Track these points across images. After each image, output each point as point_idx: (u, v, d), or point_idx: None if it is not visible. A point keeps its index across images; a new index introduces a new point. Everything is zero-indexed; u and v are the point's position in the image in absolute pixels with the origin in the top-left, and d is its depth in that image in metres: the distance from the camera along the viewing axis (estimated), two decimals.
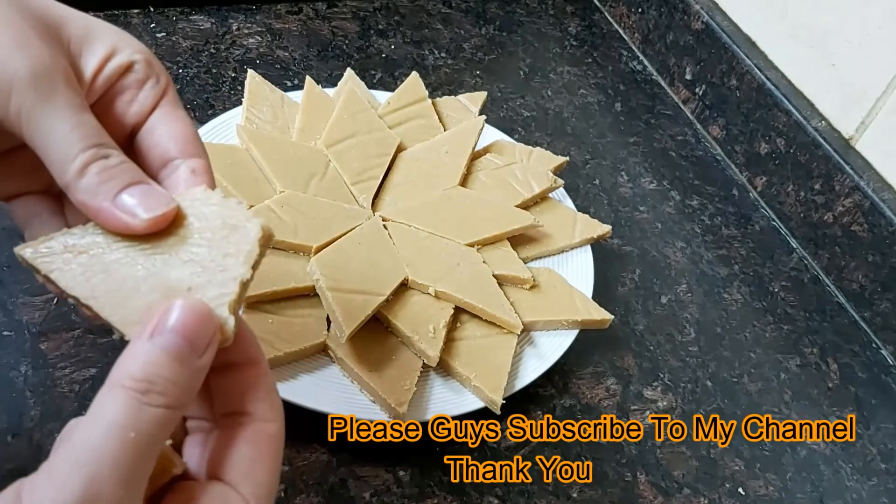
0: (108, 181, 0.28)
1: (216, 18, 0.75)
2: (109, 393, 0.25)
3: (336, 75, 0.71)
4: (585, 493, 0.50)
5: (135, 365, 0.25)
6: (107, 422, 0.24)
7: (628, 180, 0.72)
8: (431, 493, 0.48)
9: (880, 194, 0.64)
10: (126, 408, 0.24)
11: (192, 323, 0.26)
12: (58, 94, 0.28)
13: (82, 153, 0.27)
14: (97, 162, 0.28)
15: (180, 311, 0.26)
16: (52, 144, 0.27)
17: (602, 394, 0.55)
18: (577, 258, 0.59)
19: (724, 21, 0.77)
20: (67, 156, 0.27)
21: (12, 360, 0.47)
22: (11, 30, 0.27)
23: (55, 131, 0.27)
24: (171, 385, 0.25)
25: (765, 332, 0.63)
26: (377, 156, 0.59)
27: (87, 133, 0.28)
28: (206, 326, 0.26)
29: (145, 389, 0.25)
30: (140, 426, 0.24)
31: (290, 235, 0.51)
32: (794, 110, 0.70)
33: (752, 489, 0.53)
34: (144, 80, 0.31)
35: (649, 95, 0.82)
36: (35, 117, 0.27)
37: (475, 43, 0.82)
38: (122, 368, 0.25)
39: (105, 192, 0.28)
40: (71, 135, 0.28)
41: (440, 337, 0.49)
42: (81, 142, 0.28)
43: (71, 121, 0.28)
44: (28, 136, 0.28)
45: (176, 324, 0.26)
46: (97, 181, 0.27)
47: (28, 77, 0.27)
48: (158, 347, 0.25)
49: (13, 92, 0.27)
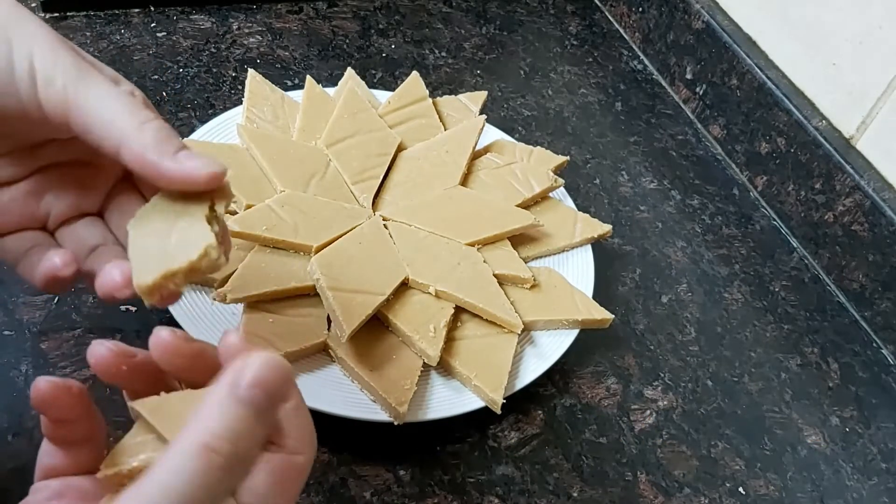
0: (167, 141, 0.30)
1: (216, 18, 0.75)
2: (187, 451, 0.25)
3: (336, 75, 0.71)
4: (586, 493, 0.50)
5: (216, 420, 0.25)
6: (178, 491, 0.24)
7: (629, 180, 0.72)
8: (432, 493, 0.48)
9: (881, 194, 0.64)
10: (201, 479, 0.24)
11: (272, 376, 0.26)
12: (97, 74, 0.31)
13: (137, 111, 0.30)
14: (154, 121, 0.30)
15: (260, 361, 0.26)
16: (103, 108, 0.30)
17: (602, 393, 0.55)
18: (577, 258, 0.59)
19: (725, 20, 0.77)
20: (121, 114, 0.30)
21: (13, 360, 0.47)
22: (51, 33, 0.31)
23: (103, 97, 0.30)
24: (252, 444, 0.26)
25: (765, 332, 0.63)
26: (378, 155, 0.59)
27: (133, 100, 0.31)
28: (284, 379, 0.27)
29: (228, 452, 0.25)
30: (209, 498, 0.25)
31: (290, 235, 0.51)
32: (794, 110, 0.70)
33: (753, 489, 0.53)
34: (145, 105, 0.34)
35: (650, 95, 0.82)
36: (83, 88, 0.30)
37: (476, 42, 0.82)
38: (201, 421, 0.25)
39: (166, 149, 0.30)
40: (119, 98, 0.30)
41: (440, 336, 0.49)
42: (131, 104, 0.30)
43: (115, 90, 0.31)
44: (76, 106, 0.30)
45: (258, 377, 0.26)
46: (157, 138, 0.30)
47: (71, 62, 0.30)
48: (242, 402, 0.26)
49: (58, 73, 0.30)
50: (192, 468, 0.24)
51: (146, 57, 0.69)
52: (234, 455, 0.25)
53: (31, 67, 0.30)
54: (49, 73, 0.30)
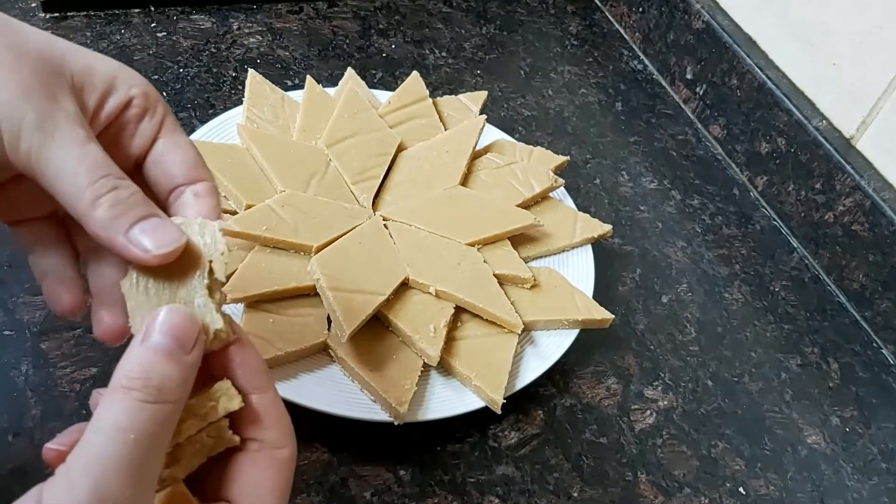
0: (121, 215, 0.29)
1: (217, 18, 0.75)
2: (109, 396, 0.26)
3: (337, 75, 0.71)
4: (586, 493, 0.50)
5: (129, 365, 0.27)
6: (108, 425, 0.25)
7: (629, 180, 0.72)
8: (432, 493, 0.48)
9: (881, 194, 0.64)
10: (125, 410, 0.26)
11: (177, 323, 0.28)
12: (61, 132, 0.29)
13: (91, 185, 0.29)
14: (109, 194, 0.29)
15: (164, 313, 0.28)
16: (62, 179, 0.29)
17: (603, 393, 0.55)
18: (577, 257, 0.59)
19: (725, 20, 0.77)
20: (77, 189, 0.29)
21: (13, 360, 0.47)
22: (14, 77, 0.29)
23: (63, 166, 0.29)
24: (166, 380, 0.27)
25: (765, 332, 0.63)
26: (378, 155, 0.59)
27: (93, 164, 0.29)
28: (189, 325, 0.28)
29: (142, 386, 0.26)
30: (139, 426, 0.26)
31: (290, 235, 0.51)
32: (794, 110, 0.70)
33: (753, 489, 0.53)
34: (143, 114, 0.32)
35: (650, 95, 0.82)
36: (44, 155, 0.28)
37: (476, 42, 0.82)
38: (119, 370, 0.27)
39: (118, 225, 0.29)
40: (78, 168, 0.29)
41: (441, 336, 0.49)
42: (89, 174, 0.29)
43: (77, 153, 0.29)
44: (39, 174, 0.29)
45: (162, 325, 0.28)
46: (110, 215, 0.29)
47: (34, 120, 0.28)
48: (150, 348, 0.27)
49: (22, 136, 0.28)
50: (111, 402, 0.26)
51: (146, 57, 0.69)
52: (147, 386, 0.26)
53: None
54: (13, 137, 0.28)
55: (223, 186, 0.54)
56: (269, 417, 0.30)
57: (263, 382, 0.31)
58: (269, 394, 0.31)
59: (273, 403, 0.31)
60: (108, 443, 0.25)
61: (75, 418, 0.46)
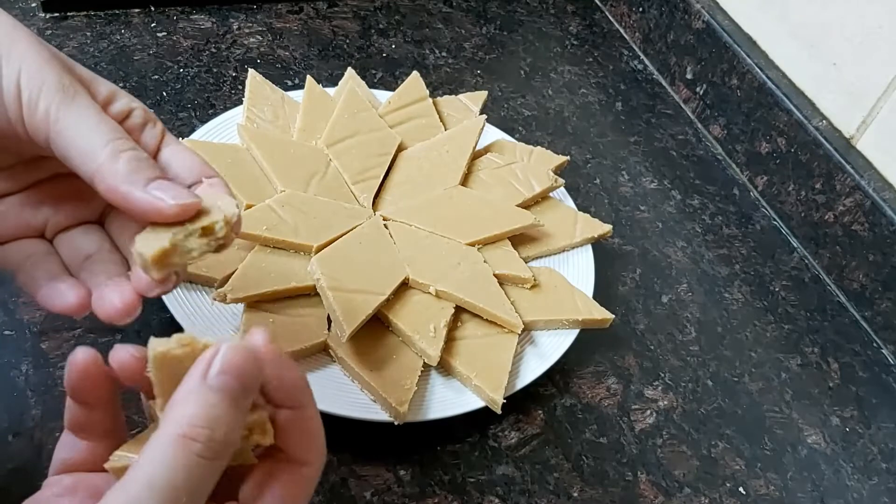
0: (140, 171, 0.30)
1: (217, 18, 0.75)
2: (166, 442, 0.25)
3: (337, 75, 0.71)
4: (586, 493, 0.50)
5: (190, 409, 0.25)
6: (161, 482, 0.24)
7: (629, 180, 0.72)
8: (432, 493, 0.48)
9: (881, 193, 0.64)
10: (183, 467, 0.24)
11: (242, 362, 0.26)
12: (81, 97, 0.30)
13: (112, 141, 0.30)
14: (129, 151, 0.30)
15: (229, 351, 0.26)
16: (81, 135, 0.29)
17: (603, 393, 0.55)
18: (577, 257, 0.59)
19: (725, 20, 0.77)
20: (97, 143, 0.29)
21: (13, 360, 0.47)
22: (41, 52, 0.30)
23: (82, 124, 0.30)
24: (230, 433, 0.25)
25: (765, 332, 0.63)
26: (378, 155, 0.59)
27: (113, 127, 0.30)
28: (253, 366, 0.27)
29: (206, 440, 0.25)
30: (194, 485, 0.24)
31: (290, 235, 0.51)
32: (794, 110, 0.70)
33: (753, 488, 0.53)
34: (144, 124, 0.33)
35: (650, 95, 0.82)
36: (63, 113, 0.29)
37: (476, 42, 0.82)
38: (176, 412, 0.25)
39: (137, 180, 0.29)
40: (98, 126, 0.30)
41: (441, 336, 0.49)
42: (109, 132, 0.30)
43: (96, 117, 0.30)
44: (56, 132, 0.29)
45: (227, 364, 0.26)
46: (129, 168, 0.29)
47: (56, 83, 0.30)
48: (215, 390, 0.25)
49: (42, 95, 0.29)
50: (172, 457, 0.24)
51: (146, 57, 0.69)
52: (211, 440, 0.25)
53: (19, 88, 0.29)
54: (33, 96, 0.29)
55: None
56: (300, 433, 0.29)
57: (298, 399, 0.29)
58: (304, 411, 0.30)
59: (307, 420, 0.30)
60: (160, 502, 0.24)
61: None
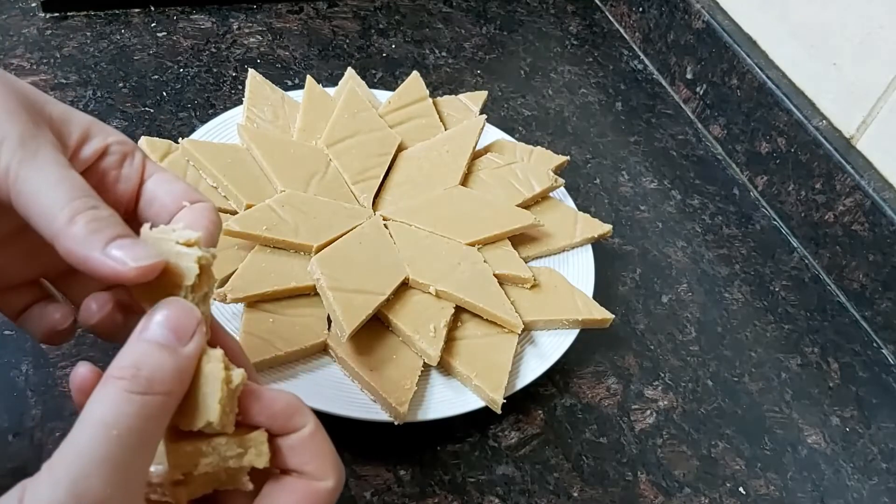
0: (98, 231, 0.28)
1: (217, 18, 0.75)
2: (100, 388, 0.26)
3: (337, 74, 0.71)
4: (586, 493, 0.50)
5: (121, 356, 0.27)
6: (92, 419, 0.25)
7: (629, 179, 0.72)
8: (432, 493, 0.48)
9: (881, 193, 0.64)
10: (111, 402, 0.25)
11: (173, 313, 0.28)
12: (44, 152, 0.29)
13: (71, 202, 0.28)
14: (87, 212, 0.28)
15: (162, 304, 0.28)
16: (40, 196, 0.28)
17: (603, 393, 0.55)
18: (577, 257, 0.59)
19: (725, 20, 0.77)
20: (55, 205, 0.28)
21: (13, 360, 0.47)
22: (6, 101, 0.29)
23: (42, 184, 0.28)
24: (157, 370, 0.26)
25: (765, 332, 0.63)
26: (378, 155, 0.59)
27: (73, 185, 0.29)
28: (186, 315, 0.28)
29: (130, 376, 0.26)
30: (125, 420, 0.25)
31: (290, 235, 0.51)
32: (794, 109, 0.70)
33: (753, 488, 0.53)
34: (123, 159, 0.32)
35: (650, 95, 0.82)
36: (23, 173, 0.28)
37: (476, 42, 0.82)
38: (113, 363, 0.27)
39: (95, 241, 0.28)
40: (58, 186, 0.28)
41: (441, 336, 0.49)
42: (69, 193, 0.28)
43: (57, 174, 0.29)
44: (16, 192, 0.28)
45: (158, 317, 0.27)
46: (87, 230, 0.28)
47: (17, 139, 0.28)
48: (143, 339, 0.27)
49: (3, 153, 0.28)
50: (99, 394, 0.25)
51: (146, 57, 0.69)
52: (136, 377, 0.26)
53: None
54: None
55: (223, 186, 0.54)
56: (311, 454, 0.30)
57: (297, 422, 0.30)
58: (304, 430, 0.30)
59: (311, 439, 0.30)
60: (91, 438, 0.24)
61: (76, 418, 0.45)
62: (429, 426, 0.49)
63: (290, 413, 0.30)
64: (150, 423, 0.26)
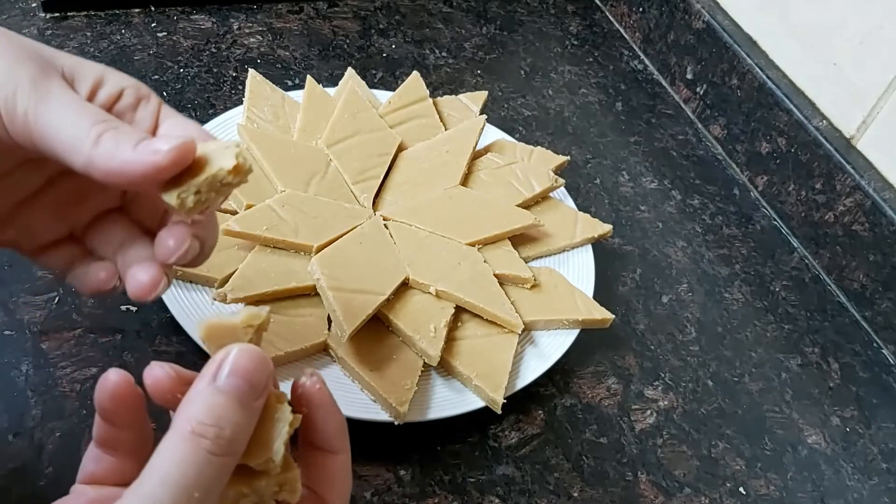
0: (124, 140, 0.28)
1: (217, 18, 0.75)
2: (177, 440, 0.25)
3: (337, 75, 0.71)
4: (586, 493, 0.50)
5: (199, 409, 0.26)
6: (174, 478, 0.24)
7: (629, 180, 0.72)
8: (432, 493, 0.48)
9: (881, 193, 0.64)
10: (194, 463, 0.25)
11: (250, 365, 0.27)
12: (57, 91, 0.29)
13: (94, 126, 0.28)
14: (110, 131, 0.28)
15: (238, 354, 0.27)
16: (63, 130, 0.28)
17: (603, 393, 0.55)
18: (577, 257, 0.59)
19: (725, 20, 0.77)
20: (80, 133, 0.28)
21: (13, 360, 0.47)
22: (10, 51, 0.29)
23: (63, 118, 0.28)
24: (238, 431, 0.26)
25: (766, 332, 0.63)
26: (378, 155, 0.59)
27: (93, 113, 0.29)
28: (263, 368, 0.27)
29: (214, 436, 0.25)
30: (206, 483, 0.25)
31: (291, 235, 0.51)
32: (795, 110, 0.70)
33: (753, 489, 0.53)
34: (137, 103, 0.32)
35: (650, 95, 0.82)
36: (42, 111, 0.28)
37: (476, 42, 0.82)
38: (186, 412, 0.26)
39: (123, 147, 0.28)
40: (78, 117, 0.28)
41: (441, 336, 0.49)
42: (90, 119, 0.29)
43: (75, 107, 0.29)
44: (39, 133, 0.28)
45: (236, 367, 0.26)
46: (113, 143, 0.28)
47: (29, 83, 0.28)
48: (222, 392, 0.26)
49: (18, 98, 0.28)
50: (183, 454, 0.25)
51: (147, 57, 0.69)
52: (219, 437, 0.25)
53: None
54: (9, 100, 0.28)
55: None
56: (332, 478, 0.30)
57: (339, 445, 0.30)
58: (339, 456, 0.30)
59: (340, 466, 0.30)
60: (173, 499, 0.24)
61: (75, 418, 0.46)
62: (429, 426, 0.49)
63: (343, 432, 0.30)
64: (222, 481, 0.26)
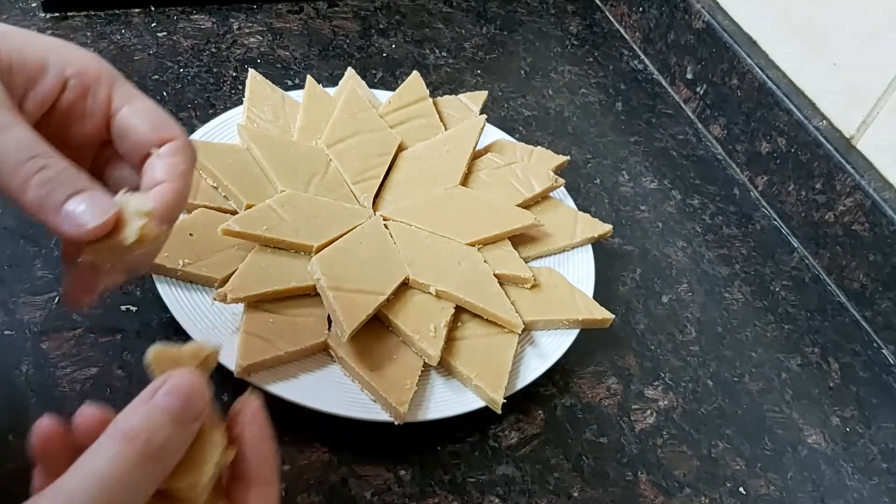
0: (51, 193, 0.28)
1: (217, 18, 0.75)
2: (108, 442, 0.26)
3: (337, 74, 0.71)
4: (586, 493, 0.50)
5: (135, 419, 0.26)
6: (102, 473, 0.25)
7: (629, 179, 0.72)
8: (432, 493, 0.48)
9: (881, 193, 0.64)
10: (123, 461, 0.25)
11: (188, 389, 0.27)
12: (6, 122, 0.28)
13: (21, 166, 0.28)
14: (37, 175, 0.28)
15: (177, 376, 0.27)
16: None
17: (603, 393, 0.55)
18: (577, 257, 0.59)
19: (725, 20, 0.77)
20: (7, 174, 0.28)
21: (13, 360, 0.47)
22: None
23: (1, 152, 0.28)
24: (168, 443, 0.26)
25: (766, 332, 0.63)
26: (378, 155, 0.59)
27: (18, 146, 0.28)
28: (200, 394, 0.28)
29: (143, 443, 0.26)
30: (132, 484, 0.25)
31: (290, 235, 0.51)
32: (795, 109, 0.70)
33: (753, 488, 0.53)
34: (84, 94, 0.31)
35: (650, 95, 0.82)
36: None
37: (476, 42, 0.82)
38: (122, 421, 0.26)
39: (50, 205, 0.28)
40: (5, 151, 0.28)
41: (441, 336, 0.49)
42: (17, 155, 0.28)
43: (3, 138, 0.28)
44: None
45: (173, 387, 0.27)
46: (39, 195, 0.28)
47: None
48: (158, 407, 0.27)
49: None
50: (113, 452, 0.25)
51: (147, 57, 0.69)
52: (150, 442, 0.26)
53: None
54: None
55: (223, 186, 0.54)
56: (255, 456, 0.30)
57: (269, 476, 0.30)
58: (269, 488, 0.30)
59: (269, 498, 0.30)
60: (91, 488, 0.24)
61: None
62: (429, 426, 0.49)
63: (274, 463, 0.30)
64: (150, 488, 0.26)
